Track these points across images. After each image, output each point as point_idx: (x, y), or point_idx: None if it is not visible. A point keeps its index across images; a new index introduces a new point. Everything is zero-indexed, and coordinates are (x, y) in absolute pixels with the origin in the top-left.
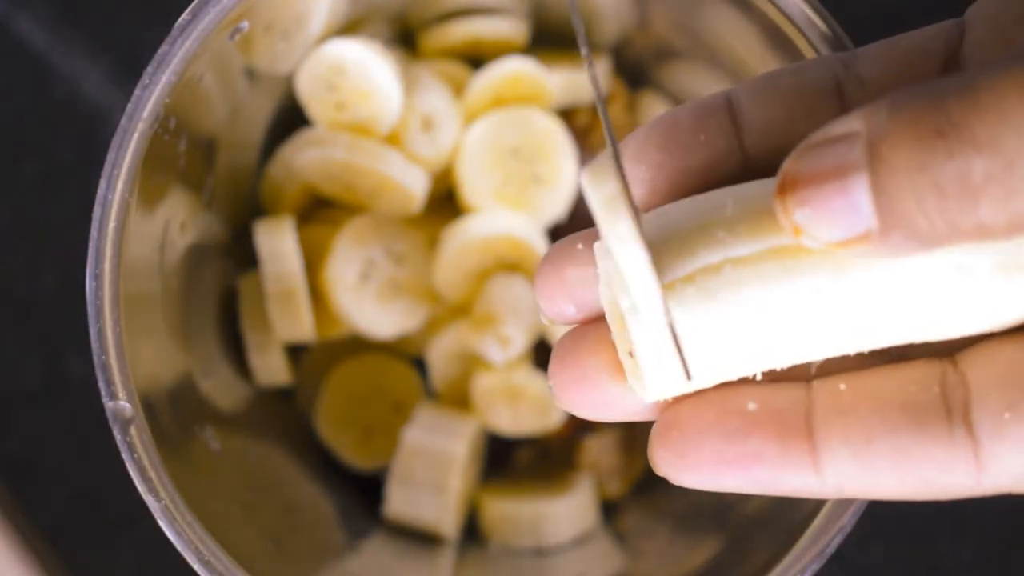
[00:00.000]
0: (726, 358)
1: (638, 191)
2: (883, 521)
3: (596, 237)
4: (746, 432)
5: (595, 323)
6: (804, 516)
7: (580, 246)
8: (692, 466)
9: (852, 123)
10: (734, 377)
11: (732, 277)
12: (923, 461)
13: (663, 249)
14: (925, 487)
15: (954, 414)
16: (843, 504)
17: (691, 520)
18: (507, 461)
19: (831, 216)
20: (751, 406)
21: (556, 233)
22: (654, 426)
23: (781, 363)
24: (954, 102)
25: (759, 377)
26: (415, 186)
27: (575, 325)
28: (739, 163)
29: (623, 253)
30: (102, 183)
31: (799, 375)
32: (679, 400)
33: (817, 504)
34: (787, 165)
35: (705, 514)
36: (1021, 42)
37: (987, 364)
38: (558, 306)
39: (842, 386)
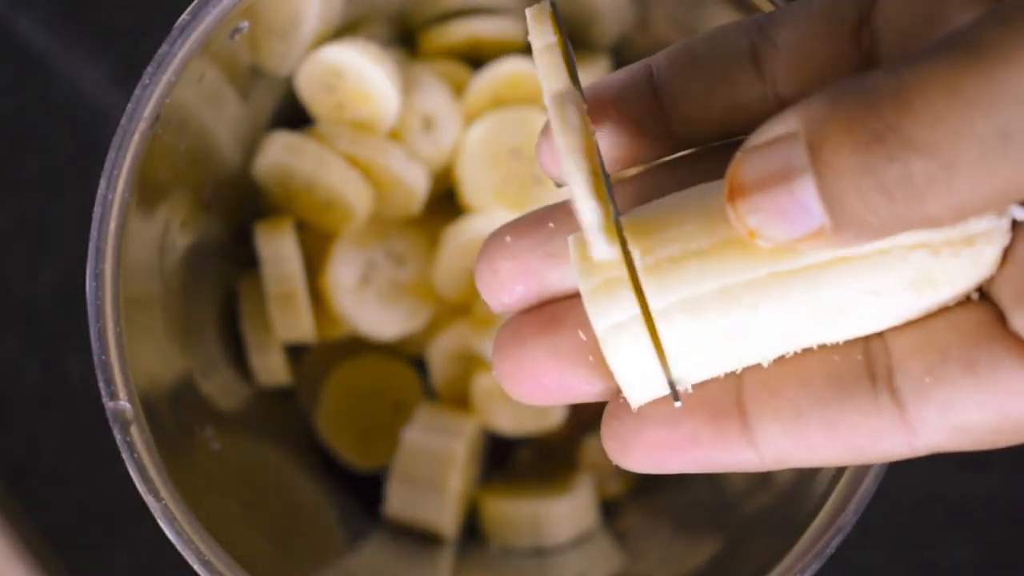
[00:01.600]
0: (694, 347)
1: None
2: (883, 521)
3: (523, 228)
4: (679, 417)
5: (534, 311)
6: (804, 516)
7: (508, 239)
8: (635, 453)
9: (789, 123)
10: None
11: (694, 269)
12: (853, 430)
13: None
14: (861, 455)
15: (878, 381)
16: (843, 504)
17: (691, 520)
18: (507, 461)
19: (782, 218)
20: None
21: None
22: (604, 416)
23: (744, 360)
24: (888, 106)
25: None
26: (417, 184)
27: (515, 313)
28: (661, 134)
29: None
30: (102, 183)
31: None
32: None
33: (817, 504)
34: (732, 170)
35: (705, 514)
36: (928, 11)
37: (908, 331)
38: (497, 298)
39: (766, 363)
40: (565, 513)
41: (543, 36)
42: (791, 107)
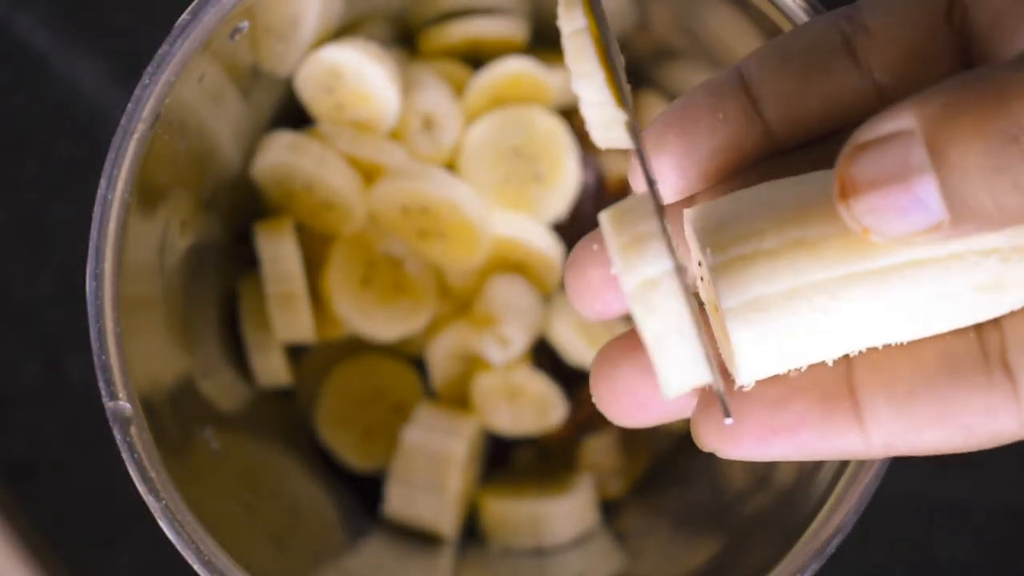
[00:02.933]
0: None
1: (667, 180)
2: (883, 521)
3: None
4: (788, 399)
5: (624, 335)
6: (804, 516)
7: (595, 247)
8: (739, 438)
9: (902, 120)
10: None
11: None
12: (965, 408)
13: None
14: (971, 436)
15: (991, 359)
16: (843, 504)
17: (691, 520)
18: (507, 461)
19: (899, 215)
20: (792, 373)
21: (558, 231)
22: (696, 405)
23: (824, 354)
24: (1019, 106)
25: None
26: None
27: (615, 326)
28: (762, 136)
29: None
30: (102, 183)
31: None
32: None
33: (817, 504)
34: (842, 168)
35: (705, 514)
36: None
37: (1020, 313)
38: (591, 307)
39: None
40: (565, 513)
41: (572, 22)
42: (901, 103)
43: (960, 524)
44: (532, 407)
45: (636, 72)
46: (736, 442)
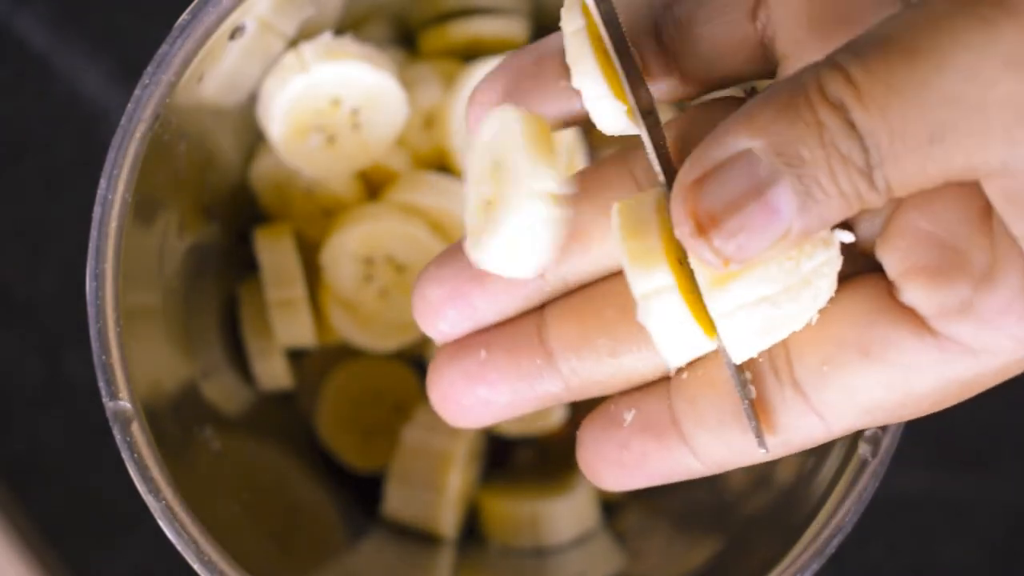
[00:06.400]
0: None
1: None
2: (883, 521)
3: (448, 257)
4: (628, 440)
5: (451, 343)
6: (804, 516)
7: (434, 268)
8: (604, 475)
9: (736, 142)
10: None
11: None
12: (772, 427)
13: None
14: (787, 447)
15: (781, 375)
16: (843, 504)
17: (691, 520)
18: (507, 461)
19: (759, 231)
20: (627, 417)
21: None
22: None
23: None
24: (850, 99)
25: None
26: None
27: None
28: (580, 111)
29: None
30: (102, 183)
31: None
32: (584, 423)
33: (817, 504)
34: (689, 206)
35: (705, 514)
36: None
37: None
38: (434, 326)
39: (684, 375)
40: (565, 513)
41: (572, 22)
42: (726, 128)
43: (960, 524)
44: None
45: None
46: (603, 478)
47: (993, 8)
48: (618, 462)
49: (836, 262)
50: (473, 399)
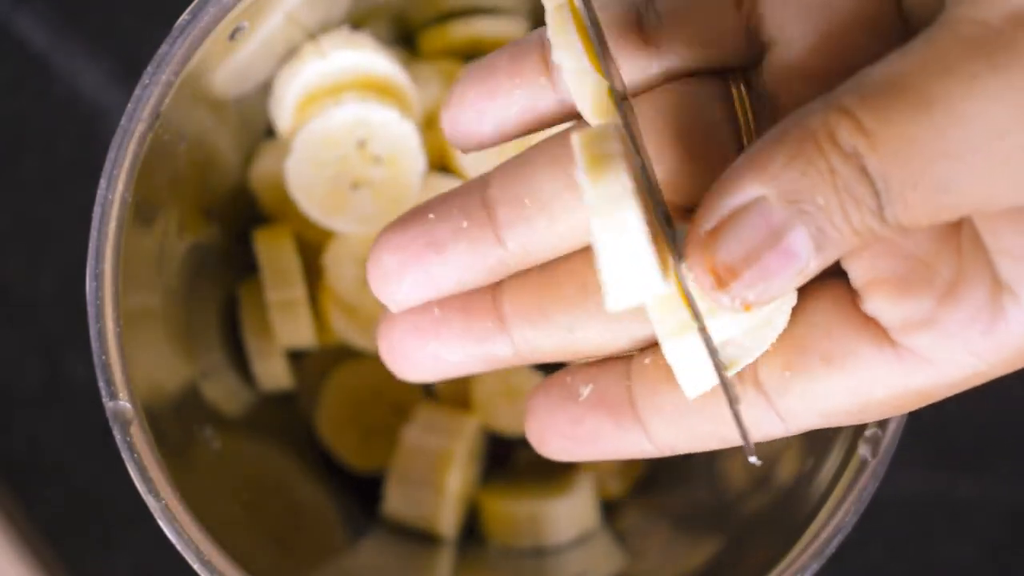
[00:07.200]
0: None
1: (465, 133)
2: (883, 521)
3: (404, 222)
4: (583, 415)
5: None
6: (804, 516)
7: (390, 234)
8: (553, 446)
9: (747, 191)
10: None
11: None
12: (729, 420)
13: None
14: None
15: (745, 377)
16: (843, 504)
17: (691, 520)
18: (507, 461)
19: (777, 276)
20: (584, 391)
21: None
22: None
23: None
24: (864, 147)
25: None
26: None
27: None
28: (556, 104)
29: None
30: (102, 183)
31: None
32: (535, 391)
33: (817, 504)
34: (707, 260)
35: (705, 514)
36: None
37: None
38: (390, 294)
39: (647, 360)
40: (565, 513)
41: None
42: (733, 178)
43: (960, 524)
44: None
45: None
46: (551, 449)
47: (1007, 54)
48: (570, 436)
49: (793, 297)
50: (422, 354)
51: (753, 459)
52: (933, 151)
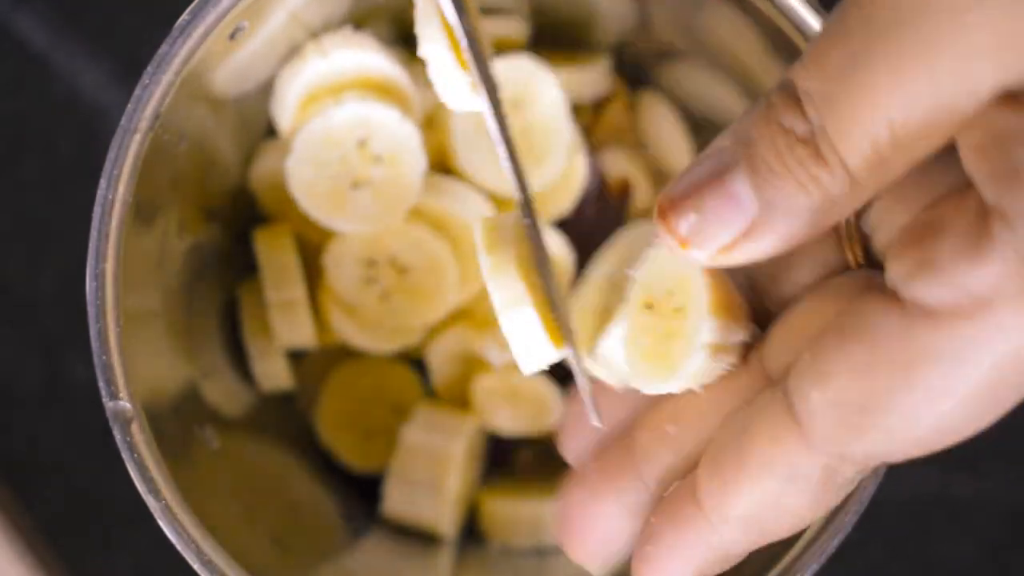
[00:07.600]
0: None
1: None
2: (883, 521)
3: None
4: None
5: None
6: None
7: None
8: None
9: (717, 142)
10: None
11: None
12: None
13: None
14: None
15: (776, 382)
16: (843, 504)
17: None
18: (507, 461)
19: (717, 216)
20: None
21: (562, 228)
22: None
23: None
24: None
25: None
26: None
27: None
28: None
29: None
30: (102, 183)
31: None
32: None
33: None
34: (662, 195)
35: None
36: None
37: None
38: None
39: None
40: None
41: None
42: (719, 137)
43: (960, 524)
44: (532, 407)
45: (636, 72)
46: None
47: None
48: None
49: (714, 373)
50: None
51: (596, 423)
52: (855, 64)
